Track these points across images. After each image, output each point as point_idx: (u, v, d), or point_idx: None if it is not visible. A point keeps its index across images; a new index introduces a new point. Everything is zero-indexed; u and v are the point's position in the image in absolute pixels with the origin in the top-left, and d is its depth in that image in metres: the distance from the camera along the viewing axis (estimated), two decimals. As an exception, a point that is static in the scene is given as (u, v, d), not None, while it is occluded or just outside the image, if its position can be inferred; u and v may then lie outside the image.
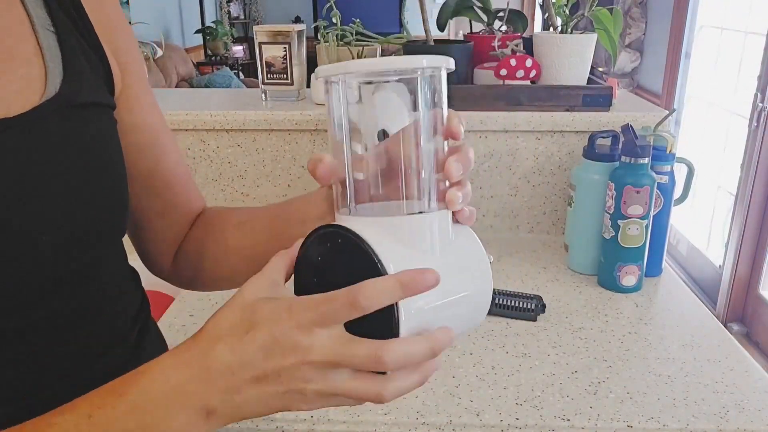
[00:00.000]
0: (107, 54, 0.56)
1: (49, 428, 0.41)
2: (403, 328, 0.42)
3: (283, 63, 1.30)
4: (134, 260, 0.65)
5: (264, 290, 0.44)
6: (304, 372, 0.40)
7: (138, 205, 0.64)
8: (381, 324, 0.42)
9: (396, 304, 0.41)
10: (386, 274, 0.42)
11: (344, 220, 0.46)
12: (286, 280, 0.46)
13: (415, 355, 0.41)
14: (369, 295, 0.39)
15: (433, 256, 0.46)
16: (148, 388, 0.41)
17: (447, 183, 0.47)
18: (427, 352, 0.42)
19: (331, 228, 0.45)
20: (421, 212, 0.46)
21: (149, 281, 0.71)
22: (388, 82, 0.46)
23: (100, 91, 0.55)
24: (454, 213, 0.48)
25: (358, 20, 1.37)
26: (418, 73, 0.45)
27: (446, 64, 0.46)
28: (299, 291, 0.47)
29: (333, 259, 0.45)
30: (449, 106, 0.48)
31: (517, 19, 1.39)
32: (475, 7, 1.35)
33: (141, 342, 0.60)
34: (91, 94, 0.53)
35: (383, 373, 0.42)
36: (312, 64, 1.36)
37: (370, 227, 0.44)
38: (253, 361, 0.40)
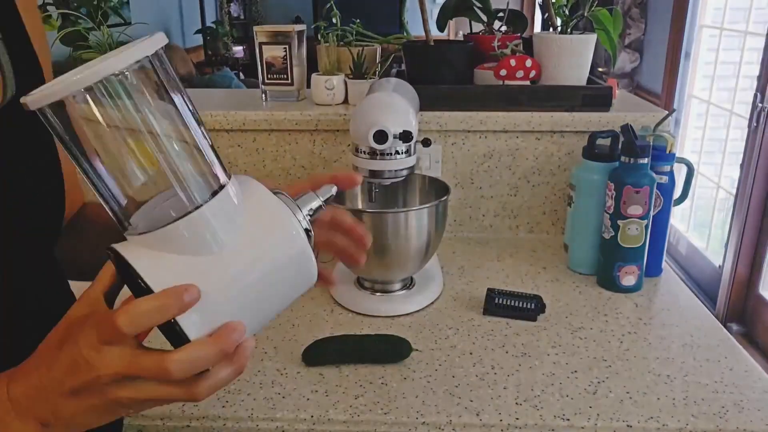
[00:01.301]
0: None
1: None
2: (191, 334, 0.43)
3: (283, 63, 1.31)
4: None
5: (83, 308, 0.46)
6: (105, 385, 0.43)
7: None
8: (174, 333, 0.43)
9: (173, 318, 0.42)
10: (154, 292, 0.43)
11: (127, 241, 0.46)
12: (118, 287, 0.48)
13: (201, 359, 0.43)
14: (129, 321, 0.41)
15: (211, 253, 0.45)
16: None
17: (209, 166, 0.46)
18: (216, 353, 0.43)
19: (110, 251, 0.45)
20: (188, 213, 0.44)
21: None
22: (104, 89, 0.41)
23: None
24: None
25: (358, 20, 1.37)
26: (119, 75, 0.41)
27: (150, 47, 0.42)
28: (136, 295, 0.46)
29: (129, 274, 0.45)
30: (449, 106, 0.48)
31: (516, 19, 1.39)
32: (475, 7, 1.36)
33: None
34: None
35: None
36: (312, 64, 1.37)
37: (142, 247, 0.44)
38: (63, 378, 0.43)
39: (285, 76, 1.32)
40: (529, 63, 1.23)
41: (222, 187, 0.46)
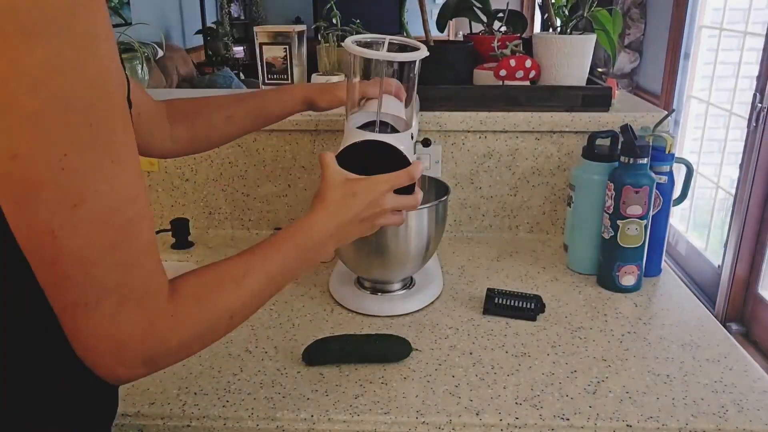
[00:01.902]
0: None
1: (267, 261, 0.63)
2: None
3: (283, 63, 1.31)
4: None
5: (343, 175, 0.73)
6: (379, 215, 0.73)
7: None
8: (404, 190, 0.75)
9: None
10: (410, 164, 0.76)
11: (367, 135, 0.78)
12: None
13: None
14: (417, 172, 0.75)
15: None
16: (317, 236, 0.68)
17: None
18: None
19: (370, 139, 0.77)
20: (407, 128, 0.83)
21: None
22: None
23: None
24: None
25: (358, 21, 1.37)
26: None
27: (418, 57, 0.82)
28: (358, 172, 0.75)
29: (367, 156, 0.76)
30: (449, 106, 0.53)
31: (516, 19, 1.39)
32: (474, 7, 1.36)
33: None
34: None
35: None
36: (312, 64, 1.37)
37: (391, 139, 0.78)
38: (360, 211, 0.71)
39: (285, 77, 1.32)
40: (528, 63, 1.23)
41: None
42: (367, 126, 0.83)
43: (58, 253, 0.46)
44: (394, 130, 0.83)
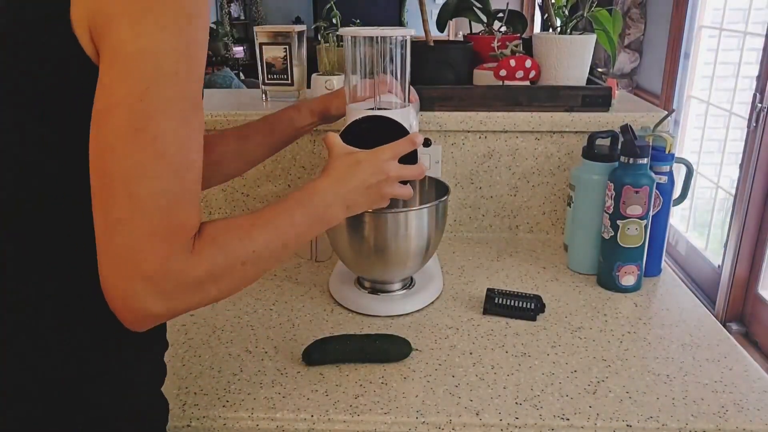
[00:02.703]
0: None
1: (276, 217, 0.66)
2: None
3: (283, 63, 1.31)
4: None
5: (348, 148, 0.78)
6: (384, 182, 0.76)
7: None
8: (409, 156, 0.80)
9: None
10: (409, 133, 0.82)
11: (367, 111, 0.84)
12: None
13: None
14: (418, 139, 0.81)
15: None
16: (321, 199, 0.71)
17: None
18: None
19: (370, 116, 0.83)
20: (404, 107, 0.89)
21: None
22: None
23: None
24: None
25: (358, 21, 1.37)
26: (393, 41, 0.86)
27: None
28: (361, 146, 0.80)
29: (369, 134, 0.81)
30: (449, 106, 0.53)
31: (516, 19, 1.39)
32: (474, 7, 1.36)
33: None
34: None
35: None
36: (312, 64, 1.37)
37: (390, 113, 0.84)
38: (366, 178, 0.75)
39: (285, 77, 1.32)
40: (528, 63, 1.23)
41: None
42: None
43: (111, 168, 0.52)
44: None
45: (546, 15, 1.29)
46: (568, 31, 1.23)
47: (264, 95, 1.35)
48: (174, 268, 0.55)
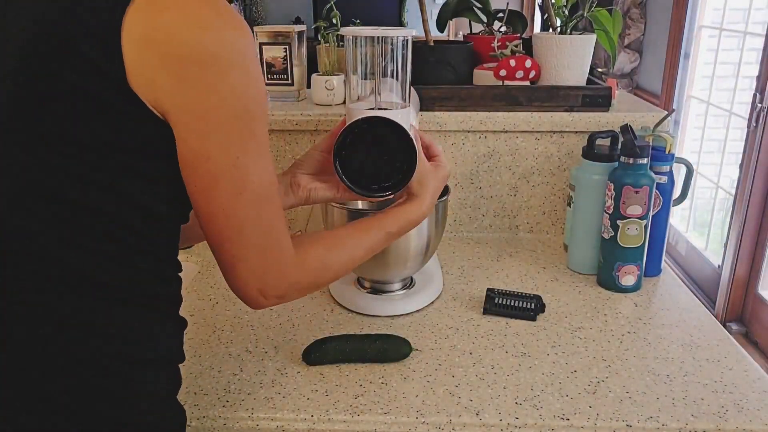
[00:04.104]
0: None
1: (365, 233, 0.78)
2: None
3: (283, 63, 1.31)
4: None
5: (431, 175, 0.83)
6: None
7: None
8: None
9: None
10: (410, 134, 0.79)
11: (366, 112, 0.82)
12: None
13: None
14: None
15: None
16: (395, 233, 0.81)
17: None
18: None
19: (364, 121, 0.79)
20: (405, 107, 0.86)
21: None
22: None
23: None
24: None
25: (358, 21, 1.37)
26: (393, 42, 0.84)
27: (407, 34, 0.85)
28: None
29: (371, 130, 0.79)
30: (449, 106, 0.53)
31: (516, 19, 1.39)
32: (474, 7, 1.36)
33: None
34: None
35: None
36: (312, 64, 1.37)
37: (393, 114, 0.80)
38: (435, 193, 0.83)
39: (285, 77, 1.32)
40: (528, 63, 1.23)
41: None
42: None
43: (226, 225, 0.63)
44: None
45: (546, 15, 1.29)
46: (568, 31, 1.23)
47: (264, 95, 1.35)
48: (288, 280, 0.69)
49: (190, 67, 0.56)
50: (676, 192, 1.14)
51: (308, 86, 1.37)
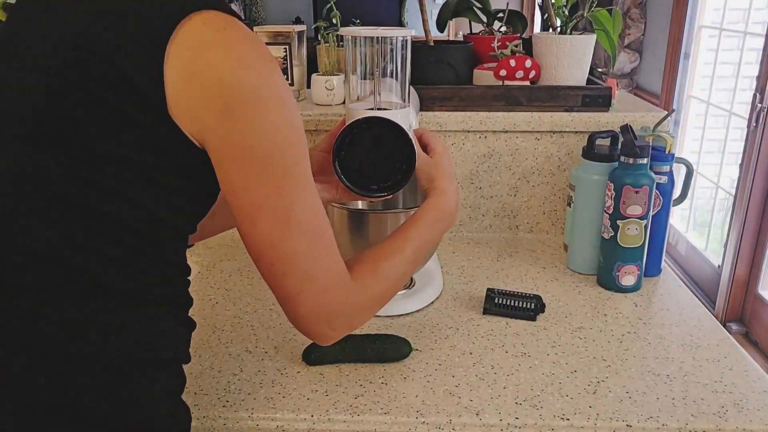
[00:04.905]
0: None
1: (407, 243, 0.77)
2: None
3: (283, 63, 1.31)
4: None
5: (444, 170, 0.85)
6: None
7: None
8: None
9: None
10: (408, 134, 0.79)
11: (365, 112, 0.83)
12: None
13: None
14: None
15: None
16: (431, 228, 0.80)
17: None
18: None
19: (375, 117, 0.79)
20: (404, 107, 0.88)
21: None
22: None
23: None
24: None
25: (358, 21, 1.37)
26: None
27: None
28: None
29: (370, 131, 0.78)
30: (449, 106, 0.54)
31: (516, 19, 1.39)
32: (474, 7, 1.36)
33: None
34: None
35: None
36: (312, 64, 1.37)
37: (393, 114, 0.82)
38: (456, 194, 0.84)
39: (285, 77, 1.32)
40: (528, 63, 1.23)
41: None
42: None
43: (276, 258, 0.63)
44: None
45: (546, 15, 1.29)
46: (568, 31, 1.23)
47: (264, 95, 1.35)
48: (354, 304, 0.69)
49: (233, 104, 0.58)
50: (676, 192, 1.14)
51: (308, 86, 1.37)
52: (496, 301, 1.01)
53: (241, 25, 0.60)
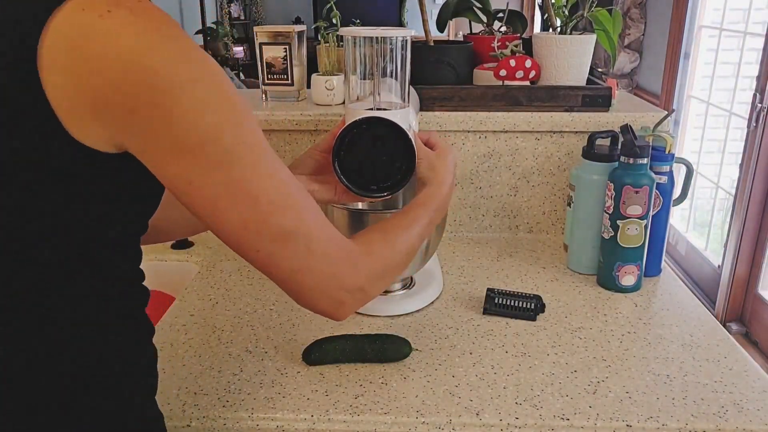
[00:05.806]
0: None
1: (414, 222, 0.76)
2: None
3: (283, 63, 1.31)
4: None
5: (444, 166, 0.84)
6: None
7: None
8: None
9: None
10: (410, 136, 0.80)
11: (365, 113, 0.82)
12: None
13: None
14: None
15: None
16: (434, 212, 0.79)
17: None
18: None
19: (375, 117, 0.80)
20: (404, 107, 0.87)
21: (151, 282, 0.71)
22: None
23: None
24: None
25: (358, 21, 1.37)
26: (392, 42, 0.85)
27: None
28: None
29: (370, 130, 0.79)
30: (449, 106, 0.54)
31: (516, 19, 1.39)
32: (474, 7, 1.36)
33: None
34: None
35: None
36: (312, 64, 1.37)
37: (393, 115, 0.81)
38: (452, 184, 0.83)
39: (285, 77, 1.32)
40: (528, 63, 1.23)
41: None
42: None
43: (259, 241, 0.58)
44: None
45: (546, 15, 1.29)
46: (568, 31, 1.23)
47: (264, 95, 1.35)
48: (363, 272, 0.65)
49: (139, 96, 0.50)
50: (676, 192, 1.14)
51: (308, 86, 1.37)
52: (496, 301, 1.01)
53: (134, 2, 0.50)
